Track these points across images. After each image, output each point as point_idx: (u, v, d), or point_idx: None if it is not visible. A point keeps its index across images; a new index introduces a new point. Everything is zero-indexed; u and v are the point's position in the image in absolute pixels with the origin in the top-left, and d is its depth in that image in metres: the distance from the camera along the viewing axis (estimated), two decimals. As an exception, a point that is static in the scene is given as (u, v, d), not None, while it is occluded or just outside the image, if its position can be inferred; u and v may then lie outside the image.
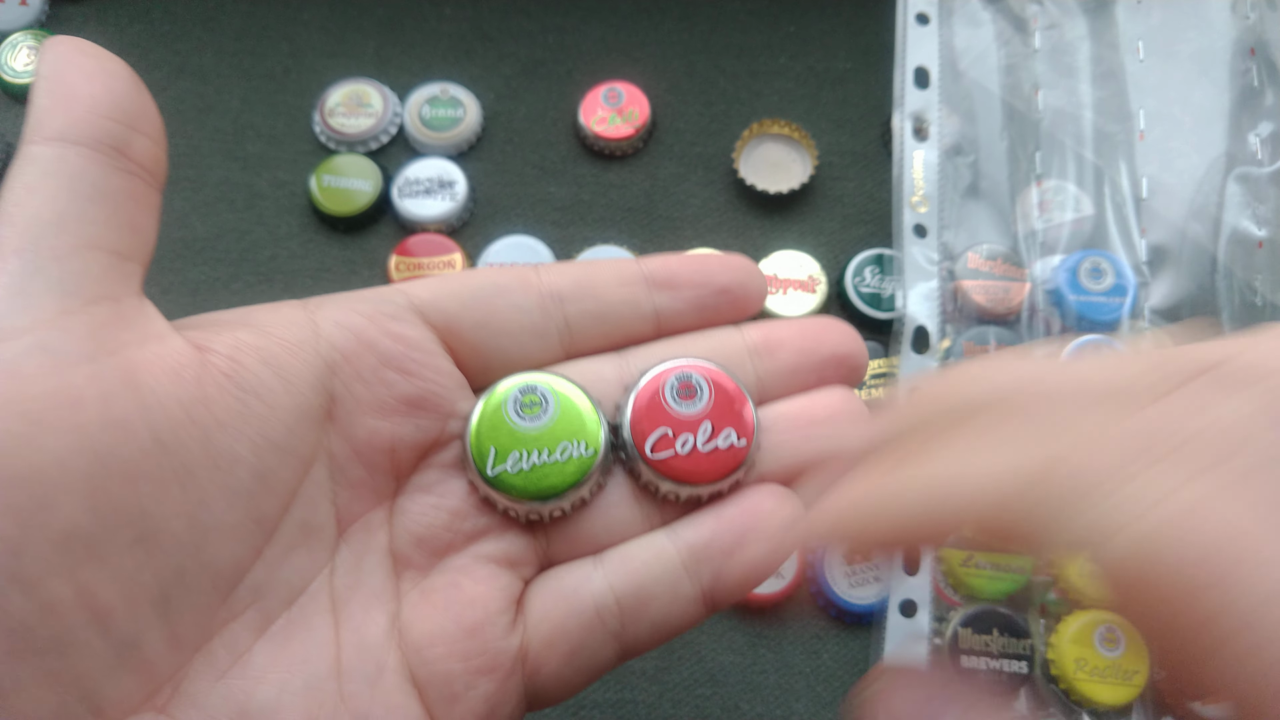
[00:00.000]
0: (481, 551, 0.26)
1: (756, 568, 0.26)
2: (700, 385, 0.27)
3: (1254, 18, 0.53)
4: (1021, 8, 0.54)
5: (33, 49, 0.55)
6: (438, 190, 0.52)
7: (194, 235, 0.52)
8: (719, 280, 0.28)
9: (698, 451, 0.26)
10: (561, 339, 0.27)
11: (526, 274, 0.27)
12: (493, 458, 0.26)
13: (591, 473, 0.26)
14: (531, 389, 0.26)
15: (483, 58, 0.56)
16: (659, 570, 0.25)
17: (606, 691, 0.44)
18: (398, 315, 0.26)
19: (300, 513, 0.24)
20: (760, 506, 0.26)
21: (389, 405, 0.25)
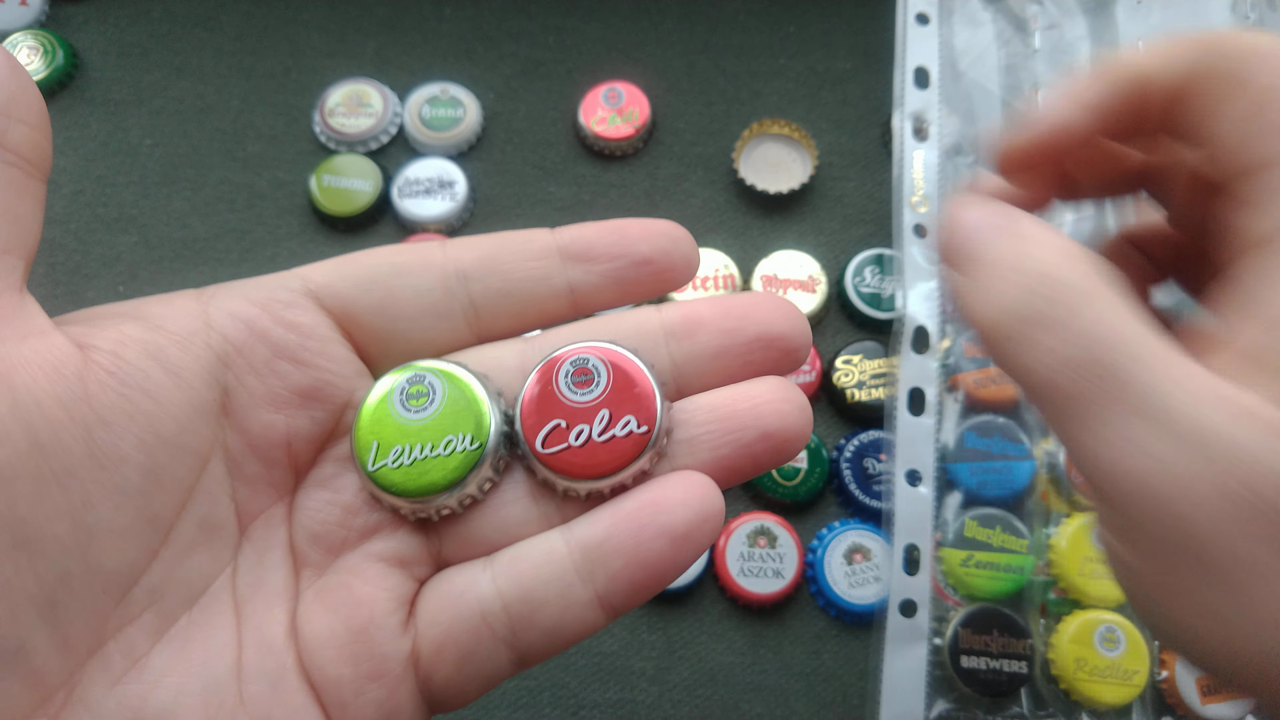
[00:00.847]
0: (373, 550, 0.25)
1: (657, 567, 0.23)
2: (598, 370, 0.25)
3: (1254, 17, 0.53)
4: (1021, 8, 0.54)
5: (33, 49, 0.55)
6: (438, 190, 0.52)
7: (194, 235, 0.52)
8: (639, 250, 0.26)
9: (594, 442, 0.24)
10: (468, 320, 0.26)
11: (430, 251, 0.26)
12: (374, 452, 0.24)
13: (476, 468, 0.24)
14: (420, 379, 0.25)
15: (483, 58, 0.56)
16: (548, 573, 0.23)
17: (606, 691, 0.44)
18: (292, 302, 0.25)
19: (199, 510, 0.23)
20: (665, 498, 0.24)
21: (283, 397, 0.24)
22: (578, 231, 0.26)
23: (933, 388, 0.44)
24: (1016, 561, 0.43)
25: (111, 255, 0.52)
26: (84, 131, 0.55)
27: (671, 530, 0.23)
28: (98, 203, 0.53)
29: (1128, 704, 0.42)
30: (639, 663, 0.45)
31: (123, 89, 0.56)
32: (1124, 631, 0.42)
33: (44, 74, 0.55)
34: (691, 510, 0.23)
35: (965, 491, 0.44)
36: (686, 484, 0.24)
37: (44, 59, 0.55)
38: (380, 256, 0.26)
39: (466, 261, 0.25)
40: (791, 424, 0.24)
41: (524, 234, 0.26)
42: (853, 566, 0.45)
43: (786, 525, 0.46)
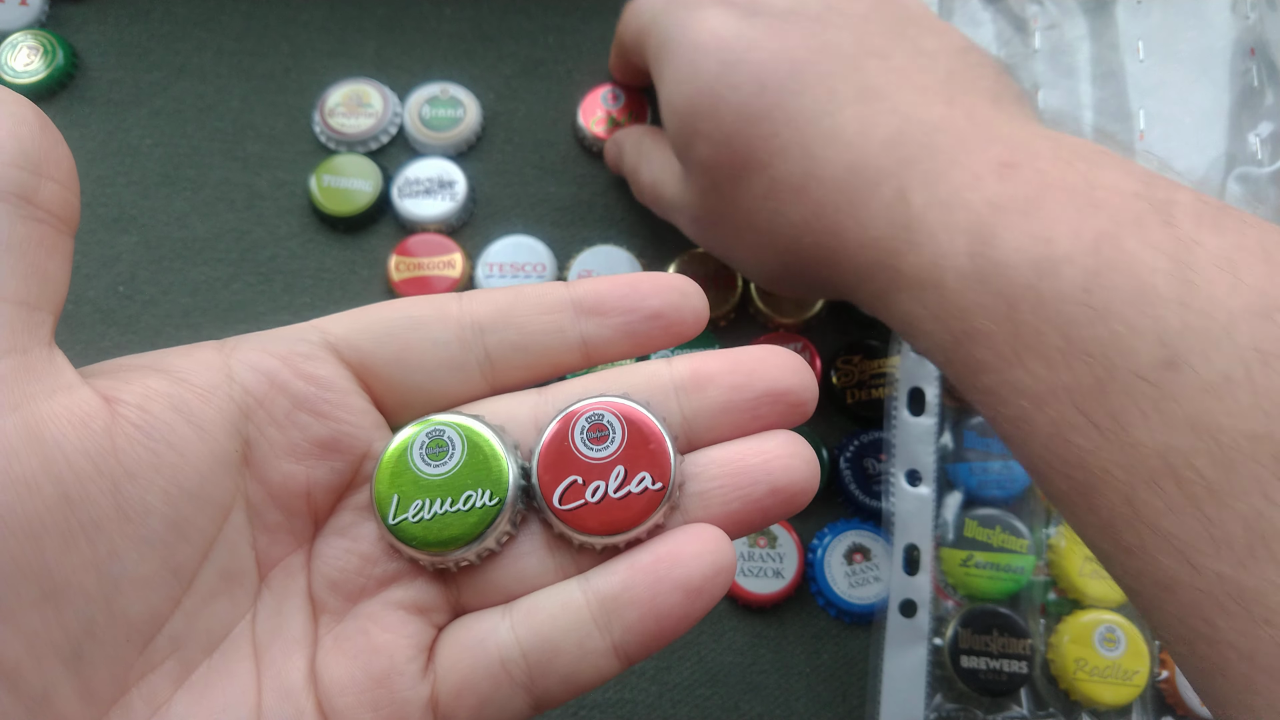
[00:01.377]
0: (392, 598, 0.25)
1: (672, 618, 0.24)
2: (613, 426, 0.25)
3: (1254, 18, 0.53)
4: (1021, 8, 0.54)
5: (33, 49, 0.55)
6: (438, 190, 0.52)
7: (194, 235, 0.52)
8: (650, 304, 0.26)
9: (610, 499, 0.25)
10: (483, 372, 0.26)
11: (446, 304, 0.26)
12: (395, 506, 0.25)
13: (495, 523, 0.25)
14: (439, 433, 0.25)
15: (483, 58, 0.56)
16: (566, 622, 0.24)
17: (606, 692, 0.44)
18: (311, 355, 0.25)
19: (220, 560, 0.24)
20: (680, 551, 0.24)
21: (303, 448, 0.25)
22: (591, 285, 0.27)
23: (933, 388, 0.44)
24: (1016, 561, 0.43)
25: (111, 255, 0.52)
26: (84, 131, 0.55)
27: (687, 583, 0.24)
28: (97, 203, 0.53)
29: (1128, 704, 0.42)
30: (639, 663, 0.45)
31: (123, 89, 0.56)
32: (1124, 631, 0.42)
33: (44, 74, 0.55)
34: (706, 563, 0.24)
35: (965, 491, 0.44)
36: (701, 538, 0.25)
37: (44, 59, 0.55)
38: (397, 310, 0.26)
39: (482, 314, 0.26)
40: (800, 479, 0.25)
41: (539, 288, 0.27)
42: (853, 566, 0.45)
43: (786, 525, 0.46)
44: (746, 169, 0.36)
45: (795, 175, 0.34)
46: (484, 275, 0.51)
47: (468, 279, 0.51)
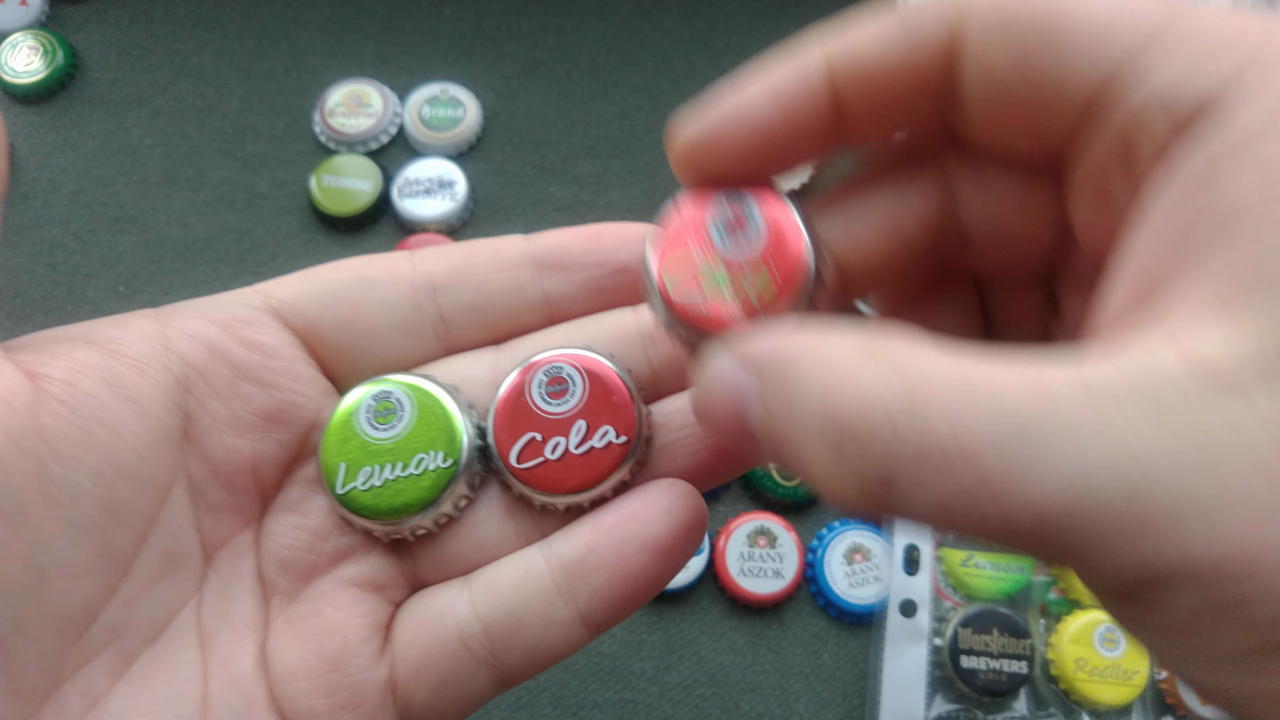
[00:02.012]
0: (345, 575, 0.24)
1: (641, 581, 0.22)
2: (573, 379, 0.24)
3: (1254, 18, 0.53)
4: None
5: (33, 49, 0.55)
6: (438, 190, 0.52)
7: (194, 235, 0.52)
8: (617, 258, 0.25)
9: (571, 455, 0.23)
10: (437, 333, 0.25)
11: (398, 263, 0.25)
12: (343, 474, 0.23)
13: (450, 486, 0.23)
14: (386, 395, 0.24)
15: (483, 58, 0.56)
16: (529, 592, 0.23)
17: (606, 691, 0.44)
18: (254, 320, 0.24)
19: (160, 543, 0.22)
20: (647, 509, 0.23)
21: (246, 420, 0.23)
22: (552, 239, 0.25)
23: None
24: (1016, 561, 0.43)
25: (111, 255, 0.52)
26: (84, 131, 0.55)
27: (656, 543, 0.22)
28: (97, 202, 0.53)
29: (1128, 704, 0.42)
30: (639, 663, 0.45)
31: (123, 89, 0.56)
32: (1124, 631, 0.42)
33: (44, 74, 0.55)
34: (675, 520, 0.23)
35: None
36: (669, 494, 0.23)
37: (44, 59, 0.55)
38: (345, 270, 0.25)
39: (436, 273, 0.25)
40: None
41: (496, 242, 0.25)
42: (853, 566, 0.45)
43: (787, 525, 0.46)
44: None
45: None
46: (484, 275, 0.51)
47: (468, 279, 0.51)
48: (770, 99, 0.20)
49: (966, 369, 0.15)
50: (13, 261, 0.52)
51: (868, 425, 0.15)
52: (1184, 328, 0.15)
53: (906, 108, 0.20)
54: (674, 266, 0.21)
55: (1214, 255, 0.15)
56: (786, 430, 0.17)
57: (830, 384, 0.16)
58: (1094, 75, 0.17)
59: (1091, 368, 0.15)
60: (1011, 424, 0.14)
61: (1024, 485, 0.14)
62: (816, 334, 0.17)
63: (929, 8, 0.19)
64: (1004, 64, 0.18)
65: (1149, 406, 0.14)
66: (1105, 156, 0.18)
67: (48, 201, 0.53)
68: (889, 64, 0.19)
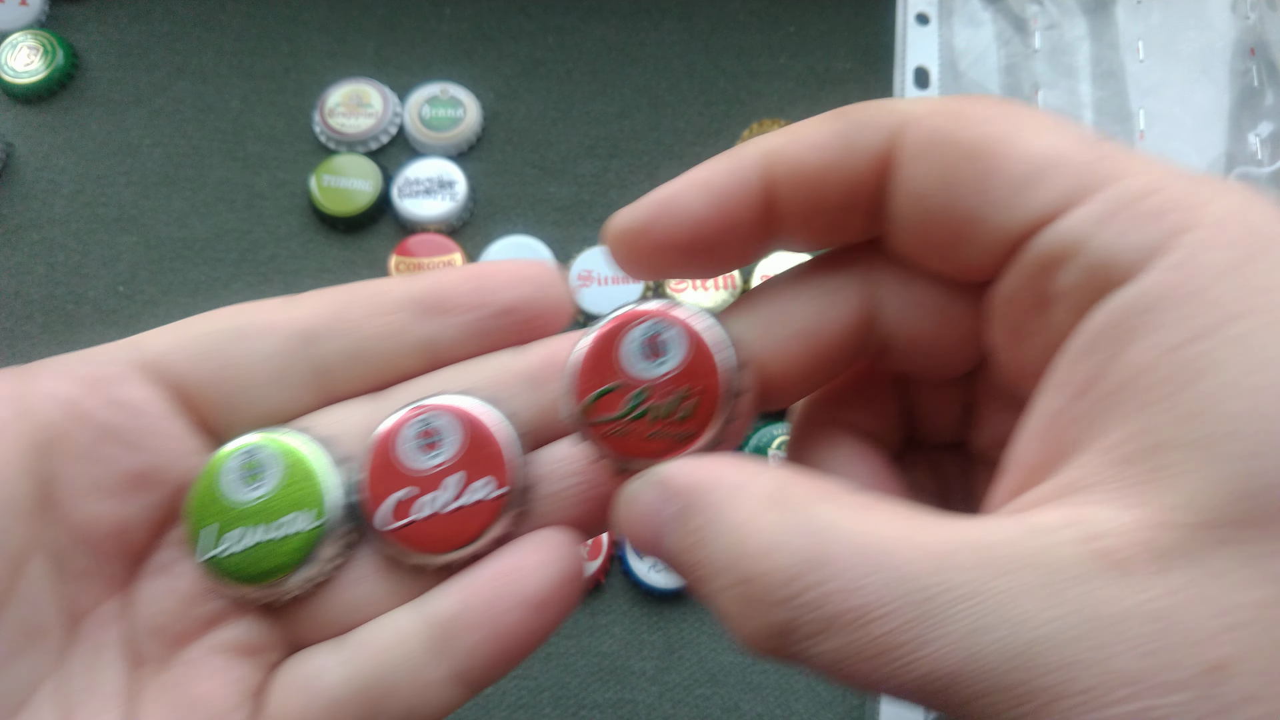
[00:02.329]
0: (217, 640, 0.23)
1: (516, 638, 0.22)
2: (445, 430, 0.23)
3: (1254, 18, 0.53)
4: (1021, 8, 0.54)
5: (33, 49, 0.55)
6: (438, 190, 0.52)
7: (194, 235, 0.52)
8: (501, 299, 0.24)
9: (443, 512, 0.22)
10: (316, 384, 0.24)
11: (274, 311, 0.24)
12: (207, 538, 0.22)
13: (319, 548, 0.23)
14: (252, 453, 0.23)
15: (483, 57, 0.56)
16: (400, 654, 0.22)
17: (606, 691, 0.44)
18: (121, 377, 0.23)
19: (17, 616, 0.21)
20: (521, 564, 0.22)
21: (111, 484, 0.22)
22: (434, 280, 0.24)
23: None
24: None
25: (111, 255, 0.52)
26: (83, 131, 0.55)
27: (530, 598, 0.22)
28: (97, 203, 0.53)
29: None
30: (639, 663, 0.45)
31: (123, 89, 0.56)
32: None
33: (44, 74, 0.55)
34: (551, 573, 0.22)
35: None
36: (547, 546, 0.22)
37: (44, 59, 0.55)
38: (218, 321, 0.24)
39: (312, 321, 0.24)
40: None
41: (376, 285, 0.24)
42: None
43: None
44: None
45: None
46: (484, 275, 0.51)
47: (468, 279, 0.51)
48: (703, 192, 0.20)
49: (870, 526, 0.16)
50: (12, 261, 0.52)
51: (771, 577, 0.16)
52: (1081, 501, 0.16)
53: (840, 214, 0.20)
54: (592, 387, 0.21)
55: (1115, 426, 0.16)
56: (697, 565, 0.18)
57: (740, 525, 0.17)
58: (1017, 218, 0.18)
59: (991, 534, 0.16)
60: (909, 590, 0.15)
61: (917, 650, 0.15)
62: (733, 469, 0.18)
63: (871, 117, 0.19)
64: (932, 188, 0.18)
65: (1041, 579, 0.15)
66: (1020, 296, 0.18)
67: (47, 201, 0.53)
68: (825, 169, 0.19)
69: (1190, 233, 0.16)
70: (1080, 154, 0.17)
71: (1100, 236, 0.17)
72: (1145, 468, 0.15)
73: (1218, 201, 0.16)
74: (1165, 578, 0.14)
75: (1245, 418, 0.15)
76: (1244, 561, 0.14)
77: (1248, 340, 0.15)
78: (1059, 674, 0.14)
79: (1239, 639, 0.14)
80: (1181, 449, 0.15)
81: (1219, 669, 0.14)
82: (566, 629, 0.45)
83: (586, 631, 0.45)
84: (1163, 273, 0.16)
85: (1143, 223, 0.16)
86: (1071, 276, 0.17)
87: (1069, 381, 0.17)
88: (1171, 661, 0.14)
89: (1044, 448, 0.17)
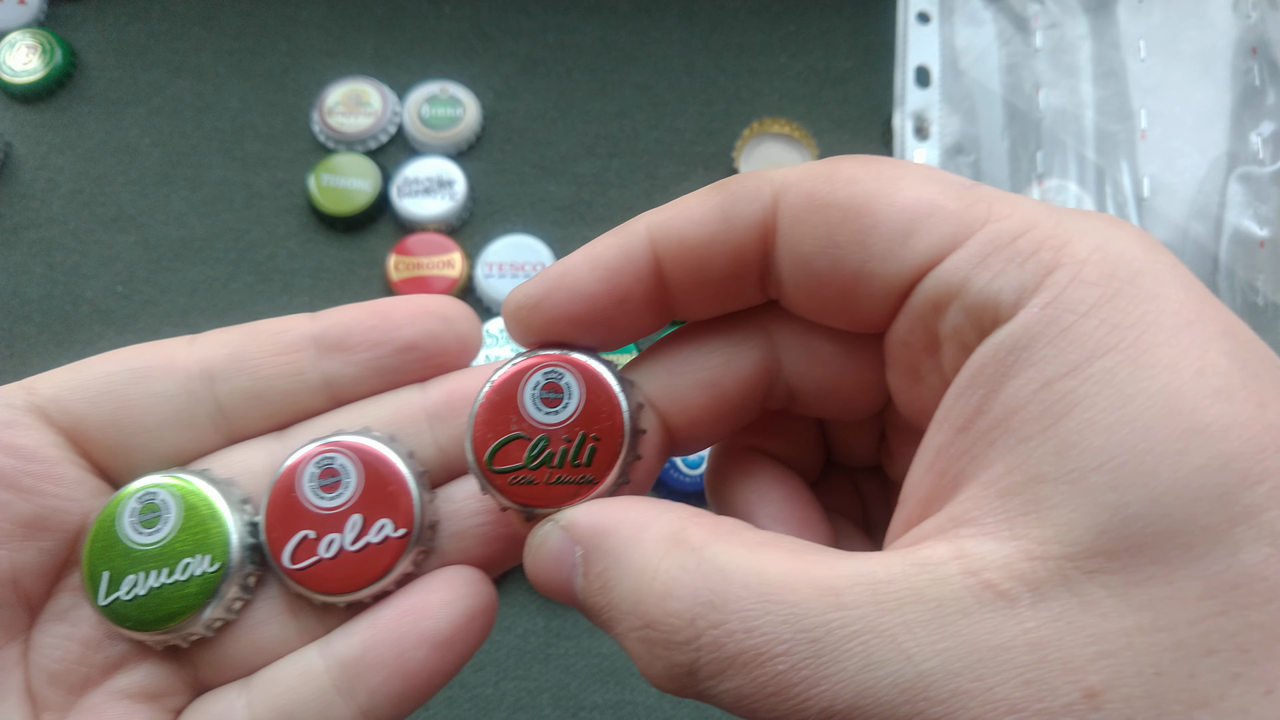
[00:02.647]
0: (118, 686, 0.23)
1: (421, 676, 0.22)
2: (346, 469, 0.23)
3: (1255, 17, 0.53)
4: (1023, 7, 0.54)
5: (31, 48, 0.55)
6: (437, 189, 0.52)
7: (192, 235, 0.52)
8: (402, 335, 0.24)
9: (346, 553, 0.22)
10: (216, 425, 0.24)
11: (174, 351, 0.24)
12: (105, 584, 0.22)
13: (218, 592, 0.22)
14: (150, 496, 0.23)
15: (482, 56, 0.56)
16: (305, 694, 0.22)
17: (606, 693, 0.44)
18: (12, 421, 0.23)
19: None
20: (426, 602, 0.22)
21: (3, 530, 0.22)
22: (335, 318, 0.24)
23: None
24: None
25: (109, 255, 0.52)
26: (82, 130, 0.55)
27: (434, 636, 0.22)
28: (96, 202, 0.53)
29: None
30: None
31: (121, 88, 0.56)
32: None
33: (42, 73, 0.54)
34: (456, 611, 0.22)
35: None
36: (452, 584, 0.23)
37: (42, 58, 0.55)
38: (115, 362, 0.24)
39: (212, 360, 0.24)
40: None
41: (277, 324, 0.24)
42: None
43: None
44: None
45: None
46: (483, 275, 0.50)
47: (467, 279, 0.51)
48: (593, 268, 0.21)
49: (763, 565, 0.17)
50: (11, 261, 0.52)
51: (671, 620, 0.17)
52: (965, 534, 0.16)
53: (728, 283, 0.21)
54: (491, 438, 0.21)
55: (995, 460, 0.16)
56: (603, 609, 0.18)
57: (641, 569, 0.18)
58: (900, 269, 0.18)
59: (881, 570, 0.16)
60: (802, 628, 0.16)
61: (812, 686, 0.16)
62: (635, 511, 0.19)
63: (747, 189, 0.20)
64: (814, 250, 0.19)
65: (929, 612, 0.15)
66: (912, 340, 0.19)
67: (46, 201, 0.53)
68: (707, 242, 0.20)
69: (1059, 270, 0.17)
70: (952, 201, 0.18)
71: (978, 279, 0.17)
72: (1022, 500, 0.16)
73: (1085, 238, 0.17)
74: (1041, 608, 0.15)
75: (1109, 452, 0.15)
76: (1112, 591, 0.15)
77: (1110, 376, 0.16)
78: (947, 704, 0.15)
79: (1110, 666, 0.15)
80: (1053, 483, 0.16)
81: (1093, 695, 0.15)
82: (566, 630, 0.45)
83: (586, 632, 0.45)
84: (1034, 311, 0.17)
85: (1016, 262, 0.17)
86: (955, 318, 0.18)
87: (953, 417, 0.18)
88: (1049, 690, 0.15)
89: (934, 481, 0.18)
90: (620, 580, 0.18)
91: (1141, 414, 0.15)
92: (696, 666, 0.17)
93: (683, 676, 0.17)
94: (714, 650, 0.16)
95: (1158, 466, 0.15)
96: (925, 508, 0.18)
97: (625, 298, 0.20)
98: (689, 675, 0.17)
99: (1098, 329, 0.16)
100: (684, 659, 0.17)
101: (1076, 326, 0.16)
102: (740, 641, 0.16)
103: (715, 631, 0.16)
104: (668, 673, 0.17)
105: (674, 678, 0.17)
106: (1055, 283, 0.17)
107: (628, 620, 0.18)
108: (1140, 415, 0.15)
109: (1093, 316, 0.16)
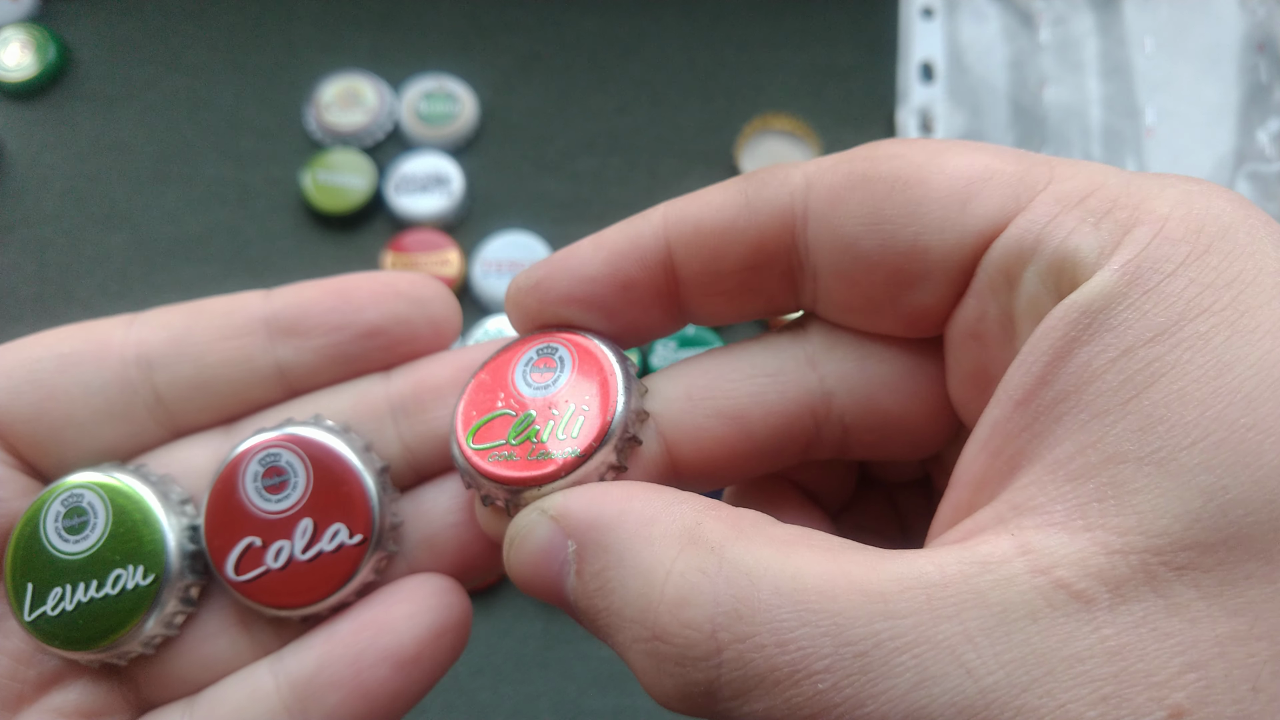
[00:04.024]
0: (53, 704, 0.21)
1: (383, 697, 0.20)
2: (293, 467, 0.20)
3: (1262, 13, 0.53)
4: (1028, 2, 0.53)
5: (25, 44, 0.54)
6: (433, 186, 0.51)
7: (186, 232, 0.52)
8: (365, 318, 0.21)
9: (297, 562, 0.20)
10: (155, 417, 0.21)
11: (108, 335, 0.21)
12: (30, 597, 0.20)
13: (155, 606, 0.20)
14: (76, 498, 0.20)
15: (479, 51, 0.55)
16: (255, 716, 0.20)
17: (606, 698, 0.43)
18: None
19: None
20: (387, 616, 0.20)
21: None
22: (291, 297, 0.22)
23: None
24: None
25: (102, 253, 0.51)
26: (75, 127, 0.54)
27: (397, 653, 0.20)
28: (88, 199, 0.53)
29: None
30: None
31: (114, 84, 0.55)
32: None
33: (36, 69, 0.54)
34: (421, 625, 0.20)
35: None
36: (418, 594, 0.20)
37: (35, 54, 0.54)
38: (42, 347, 0.21)
39: (151, 346, 0.21)
40: None
41: (225, 303, 0.22)
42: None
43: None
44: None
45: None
46: (481, 274, 0.50)
47: (464, 277, 0.50)
48: (596, 249, 0.19)
49: (797, 567, 0.14)
50: (3, 259, 0.51)
51: (686, 633, 0.15)
52: (1030, 525, 0.14)
53: (747, 276, 0.19)
54: (476, 413, 0.19)
55: (1064, 438, 0.14)
56: (599, 612, 0.16)
57: (650, 570, 0.15)
58: (964, 235, 0.16)
59: (935, 571, 0.14)
60: (845, 641, 0.14)
61: (858, 707, 0.13)
62: (640, 499, 0.16)
63: (774, 175, 0.18)
64: (857, 228, 0.17)
65: (992, 619, 0.13)
66: (982, 330, 0.17)
67: (38, 198, 0.53)
68: (725, 227, 0.18)
69: (1138, 228, 0.15)
70: (1010, 164, 0.16)
71: (1052, 236, 0.15)
72: (1097, 485, 0.14)
73: (1163, 195, 0.15)
74: (1122, 612, 0.13)
75: (1203, 428, 0.13)
76: (1204, 591, 0.13)
77: (1204, 342, 0.14)
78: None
79: (1199, 680, 0.13)
80: (1135, 463, 0.14)
81: (1179, 715, 0.13)
82: (565, 635, 0.44)
83: (586, 637, 0.44)
84: (1112, 270, 0.15)
85: (1090, 221, 0.15)
86: (1031, 286, 0.16)
87: (1012, 388, 0.15)
88: (1129, 708, 0.13)
89: (990, 461, 0.16)
90: (623, 583, 0.16)
91: (1242, 385, 0.13)
92: (716, 685, 0.14)
93: (699, 696, 0.15)
94: (738, 667, 0.14)
95: (1262, 444, 0.13)
96: (978, 492, 0.16)
97: (630, 284, 0.19)
98: (706, 695, 0.15)
99: (1187, 289, 0.14)
100: (701, 676, 0.14)
101: (1162, 287, 0.14)
102: (772, 657, 0.14)
103: (741, 645, 0.14)
104: (680, 691, 0.15)
105: (688, 696, 0.15)
106: (1135, 239, 0.15)
107: (631, 629, 0.15)
108: (1240, 386, 0.13)
109: (1180, 275, 0.14)
